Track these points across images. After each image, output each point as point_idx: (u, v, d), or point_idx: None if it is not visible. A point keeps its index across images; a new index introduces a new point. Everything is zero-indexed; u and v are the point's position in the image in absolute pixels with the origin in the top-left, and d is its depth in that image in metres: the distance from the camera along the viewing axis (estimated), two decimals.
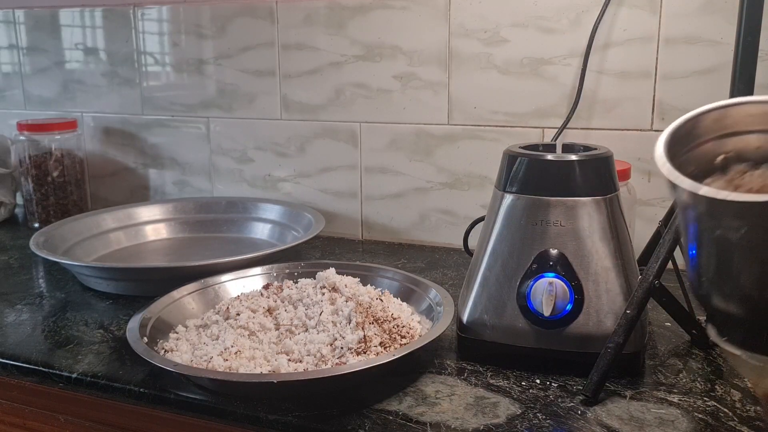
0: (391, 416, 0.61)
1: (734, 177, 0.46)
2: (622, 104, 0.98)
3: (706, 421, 0.59)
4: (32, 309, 0.88)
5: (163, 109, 1.29)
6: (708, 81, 0.93)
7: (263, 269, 0.88)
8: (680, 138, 0.47)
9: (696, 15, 0.92)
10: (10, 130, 1.30)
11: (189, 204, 1.21)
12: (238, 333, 0.72)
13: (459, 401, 0.63)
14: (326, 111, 1.16)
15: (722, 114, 0.47)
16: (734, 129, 0.47)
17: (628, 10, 0.95)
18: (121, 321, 0.83)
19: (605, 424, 0.59)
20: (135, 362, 0.71)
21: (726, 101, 0.48)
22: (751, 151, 0.47)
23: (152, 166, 1.33)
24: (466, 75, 1.05)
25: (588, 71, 0.98)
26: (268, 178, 1.23)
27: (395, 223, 1.15)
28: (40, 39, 1.36)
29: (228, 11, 1.19)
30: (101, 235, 1.12)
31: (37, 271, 1.04)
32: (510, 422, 0.60)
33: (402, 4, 1.07)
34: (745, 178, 0.46)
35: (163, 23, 1.26)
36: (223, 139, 1.25)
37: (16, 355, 0.75)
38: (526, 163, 0.70)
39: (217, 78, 1.23)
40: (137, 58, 1.29)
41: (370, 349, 0.68)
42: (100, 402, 0.72)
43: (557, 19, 0.99)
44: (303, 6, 1.13)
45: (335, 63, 1.13)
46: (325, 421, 0.61)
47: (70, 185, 1.28)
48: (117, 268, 0.95)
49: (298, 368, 0.66)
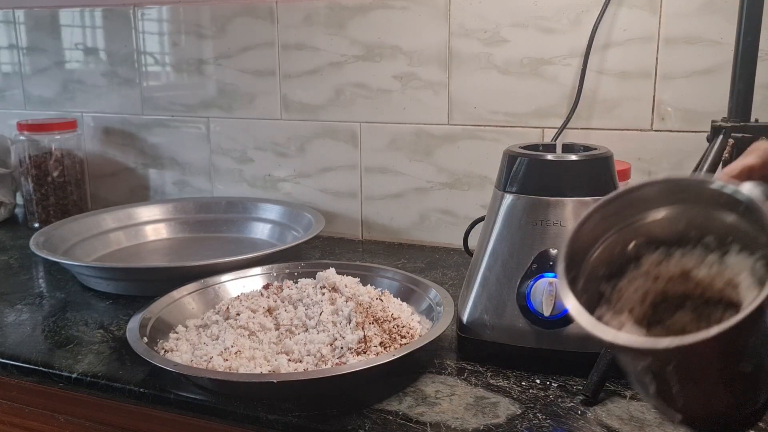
0: (391, 416, 0.61)
1: (650, 269, 0.44)
2: (622, 104, 0.98)
3: None
4: (32, 309, 0.88)
5: (163, 109, 1.29)
6: (708, 81, 0.93)
7: (263, 269, 0.88)
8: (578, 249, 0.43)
9: (696, 15, 0.92)
10: (10, 130, 1.30)
11: (189, 204, 1.21)
12: (238, 333, 0.72)
13: (459, 401, 0.63)
14: (326, 111, 1.16)
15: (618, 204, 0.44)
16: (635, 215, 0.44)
17: (628, 10, 0.95)
18: (121, 321, 0.83)
19: (605, 424, 0.59)
20: (135, 362, 0.71)
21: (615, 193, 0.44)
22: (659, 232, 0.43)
23: (152, 166, 1.33)
24: (466, 75, 1.05)
25: (588, 71, 0.98)
26: (268, 178, 1.23)
27: (395, 223, 1.15)
28: (40, 39, 1.36)
29: (228, 11, 1.19)
30: (101, 235, 1.12)
31: (37, 271, 1.04)
32: (510, 422, 0.60)
33: (402, 4, 1.07)
34: (662, 269, 0.43)
35: (163, 23, 1.26)
36: (223, 139, 1.25)
37: (16, 355, 0.75)
38: (526, 163, 0.70)
39: (217, 78, 1.23)
40: (137, 58, 1.29)
41: (370, 349, 0.68)
42: (100, 402, 0.72)
43: (557, 19, 0.99)
44: (303, 6, 1.13)
45: (335, 63, 1.13)
46: (325, 421, 0.61)
47: (70, 185, 1.28)
48: (117, 268, 0.95)
49: (298, 368, 0.66)
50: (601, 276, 0.44)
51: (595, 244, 0.44)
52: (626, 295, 0.44)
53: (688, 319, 0.43)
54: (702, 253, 0.42)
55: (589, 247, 0.44)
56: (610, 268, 0.44)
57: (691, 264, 0.42)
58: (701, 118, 0.94)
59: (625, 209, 0.44)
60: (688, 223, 0.42)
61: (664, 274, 0.43)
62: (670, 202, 0.43)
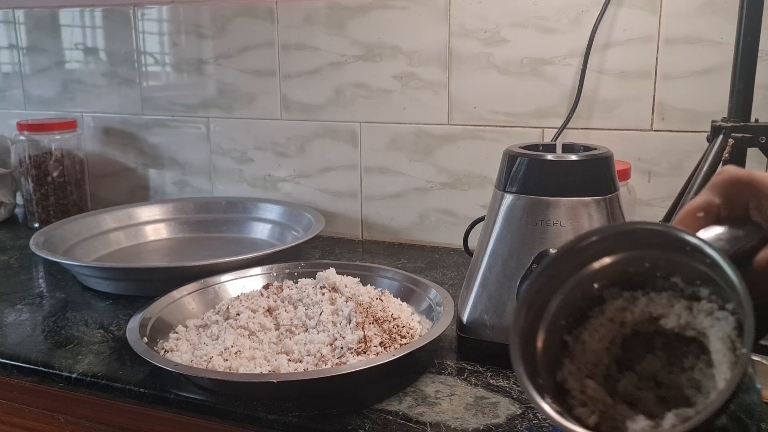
0: (391, 416, 0.61)
1: (614, 316, 0.42)
2: (622, 104, 0.98)
3: None
4: (32, 309, 0.88)
5: (163, 109, 1.29)
6: (708, 81, 0.93)
7: (263, 269, 0.88)
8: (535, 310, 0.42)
9: (696, 15, 0.92)
10: (10, 130, 1.30)
11: (189, 204, 1.21)
12: (238, 333, 0.72)
13: (459, 401, 0.63)
14: (326, 111, 1.16)
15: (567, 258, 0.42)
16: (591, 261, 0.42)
17: (628, 10, 0.95)
18: (121, 321, 0.83)
19: None
20: (135, 362, 0.71)
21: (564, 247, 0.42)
22: (622, 273, 0.42)
23: (152, 166, 1.33)
24: (466, 75, 1.05)
25: (588, 71, 0.98)
26: (268, 178, 1.23)
27: (395, 223, 1.15)
28: (40, 39, 1.36)
29: (228, 11, 1.19)
30: (101, 235, 1.12)
31: (37, 271, 1.04)
32: (510, 422, 0.60)
33: (402, 4, 1.07)
34: (627, 317, 0.42)
35: (163, 23, 1.26)
36: (223, 139, 1.25)
37: (16, 355, 0.75)
38: (526, 163, 0.70)
39: (217, 78, 1.23)
40: (137, 58, 1.29)
41: (370, 349, 0.68)
42: (100, 402, 0.72)
43: (557, 19, 0.99)
44: (303, 6, 1.13)
45: (335, 63, 1.13)
46: (325, 421, 0.61)
47: (70, 185, 1.28)
48: (117, 268, 0.95)
49: (298, 368, 0.66)
50: (562, 326, 0.43)
51: (552, 297, 0.42)
52: (591, 346, 0.42)
53: (658, 365, 0.41)
54: (669, 296, 0.40)
55: (545, 304, 0.42)
56: (571, 316, 0.43)
57: (658, 310, 0.41)
58: (701, 118, 0.94)
59: (580, 257, 0.42)
60: (652, 265, 0.41)
61: (630, 321, 0.42)
62: (629, 248, 0.41)
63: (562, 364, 0.42)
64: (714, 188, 0.42)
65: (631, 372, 0.42)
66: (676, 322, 0.39)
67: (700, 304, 0.39)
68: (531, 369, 0.40)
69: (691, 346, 0.40)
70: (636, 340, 0.42)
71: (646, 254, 0.40)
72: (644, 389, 0.41)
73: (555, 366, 0.42)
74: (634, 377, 0.42)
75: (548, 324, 0.42)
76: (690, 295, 0.39)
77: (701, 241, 0.37)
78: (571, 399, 0.41)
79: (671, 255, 0.39)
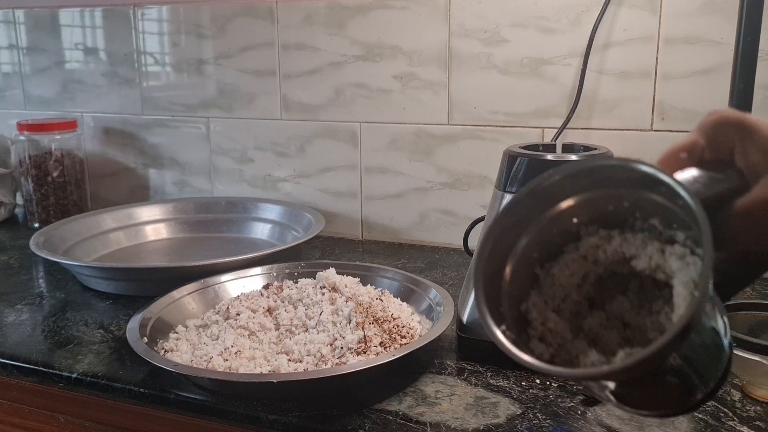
0: (391, 416, 0.61)
1: (588, 252, 0.41)
2: (622, 104, 0.98)
3: (706, 421, 0.59)
4: (32, 309, 0.88)
5: (163, 109, 1.29)
6: (708, 81, 0.93)
7: (263, 269, 0.88)
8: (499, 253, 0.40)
9: (696, 15, 0.92)
10: (10, 130, 1.30)
11: (189, 204, 1.21)
12: (238, 333, 0.72)
13: (459, 401, 0.63)
14: (326, 111, 1.16)
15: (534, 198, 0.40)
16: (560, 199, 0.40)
17: (628, 10, 0.95)
18: (121, 321, 0.83)
19: (605, 424, 0.59)
20: (135, 362, 0.71)
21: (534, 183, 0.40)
22: (600, 210, 0.40)
23: (152, 166, 1.33)
24: (466, 75, 1.05)
25: (588, 71, 0.98)
26: (268, 178, 1.23)
27: (395, 223, 1.15)
28: (40, 39, 1.36)
29: (228, 11, 1.19)
30: (101, 235, 1.12)
31: (37, 271, 1.04)
32: (510, 422, 0.60)
33: (402, 4, 1.07)
34: (600, 255, 0.40)
35: (163, 23, 1.26)
36: (223, 139, 1.25)
37: (16, 355, 0.75)
38: (526, 163, 0.70)
39: (217, 78, 1.23)
40: (137, 58, 1.29)
41: (370, 349, 0.68)
42: (100, 402, 0.72)
43: (557, 19, 0.99)
44: (303, 6, 1.13)
45: (335, 63, 1.13)
46: (325, 421, 0.61)
47: (70, 185, 1.28)
48: (117, 268, 0.95)
49: (298, 368, 0.66)
50: (535, 259, 0.41)
51: (522, 234, 0.41)
52: (560, 281, 0.41)
53: (627, 306, 0.41)
54: (644, 238, 0.39)
55: (515, 240, 0.41)
56: (546, 250, 0.41)
57: (631, 251, 0.39)
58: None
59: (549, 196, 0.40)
60: (631, 205, 0.39)
61: (603, 260, 0.41)
62: (606, 186, 0.39)
63: (528, 295, 0.41)
64: (701, 129, 0.40)
65: (600, 311, 0.41)
66: (647, 264, 0.38)
67: (673, 248, 0.37)
68: (493, 296, 0.40)
69: (664, 290, 0.39)
70: (612, 280, 0.41)
71: (624, 194, 0.39)
72: (610, 329, 0.40)
73: (521, 297, 0.41)
74: (602, 316, 0.41)
75: (519, 257, 0.41)
76: (666, 239, 0.38)
77: (673, 181, 0.35)
78: (531, 330, 0.40)
79: (651, 195, 0.38)
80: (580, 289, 0.42)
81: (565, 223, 0.41)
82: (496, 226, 0.41)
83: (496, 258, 0.41)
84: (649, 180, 0.36)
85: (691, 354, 0.36)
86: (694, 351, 0.36)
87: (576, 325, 0.41)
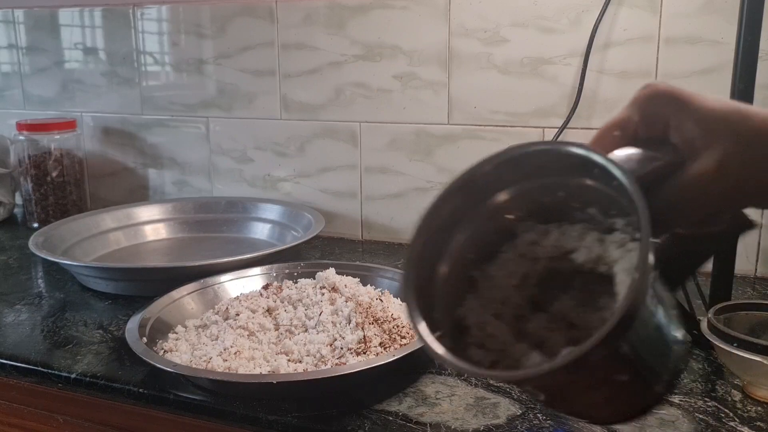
0: (391, 417, 0.61)
1: (526, 250, 0.39)
2: (623, 104, 0.98)
3: (707, 422, 0.59)
4: (31, 309, 0.88)
5: (162, 108, 1.29)
6: (708, 81, 0.93)
7: (263, 269, 0.87)
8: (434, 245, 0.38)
9: (696, 15, 0.92)
10: (10, 130, 1.29)
11: (188, 204, 1.21)
12: (238, 333, 0.72)
13: (459, 402, 0.63)
14: (326, 111, 1.15)
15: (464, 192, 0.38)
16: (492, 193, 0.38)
17: (628, 10, 0.95)
18: (121, 321, 0.83)
19: (606, 426, 0.59)
20: (134, 363, 0.71)
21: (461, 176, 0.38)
22: (536, 203, 0.38)
23: (152, 166, 1.32)
24: (466, 75, 1.05)
25: (588, 71, 0.98)
26: (267, 178, 1.23)
27: (395, 223, 1.15)
28: (39, 39, 1.36)
29: (228, 11, 1.19)
30: (100, 235, 1.11)
31: (36, 271, 1.04)
32: (510, 423, 0.60)
33: (402, 4, 1.07)
34: (538, 252, 0.38)
35: (163, 23, 1.25)
36: (223, 138, 1.25)
37: (15, 355, 0.75)
38: None
39: (217, 78, 1.23)
40: (137, 57, 1.29)
41: (369, 349, 0.68)
42: (99, 402, 0.72)
43: (557, 18, 0.99)
44: (303, 6, 1.13)
45: (335, 63, 1.13)
46: (324, 421, 0.60)
47: (70, 185, 1.28)
48: (116, 268, 0.95)
49: (298, 368, 0.66)
50: (471, 261, 0.39)
51: (455, 231, 0.38)
52: (498, 283, 0.39)
53: (572, 305, 0.38)
54: (582, 228, 0.37)
55: (449, 239, 0.38)
56: (483, 250, 0.39)
57: (570, 244, 0.37)
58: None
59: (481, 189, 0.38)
60: (567, 195, 0.37)
61: (542, 256, 0.38)
62: (539, 176, 0.37)
63: (465, 300, 0.39)
64: (634, 104, 0.38)
65: (543, 313, 0.39)
66: (587, 256, 0.36)
67: (612, 236, 0.35)
68: (426, 302, 0.37)
69: (608, 285, 0.36)
70: (554, 280, 0.39)
71: (559, 182, 0.37)
72: (555, 330, 0.38)
73: (457, 302, 0.38)
74: (546, 318, 0.38)
75: (453, 258, 0.38)
76: (606, 228, 0.36)
77: (606, 161, 0.33)
78: (468, 337, 0.38)
79: (585, 181, 0.36)
80: (520, 290, 0.39)
81: (500, 220, 0.39)
82: (426, 225, 0.38)
83: (428, 259, 0.38)
84: (583, 162, 0.35)
85: (638, 345, 0.33)
86: (641, 342, 0.33)
87: (519, 329, 0.38)
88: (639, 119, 0.38)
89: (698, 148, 0.35)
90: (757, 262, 0.95)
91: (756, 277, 0.95)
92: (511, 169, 0.37)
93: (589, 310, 0.37)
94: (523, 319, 0.39)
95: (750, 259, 0.95)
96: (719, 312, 0.66)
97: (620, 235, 0.35)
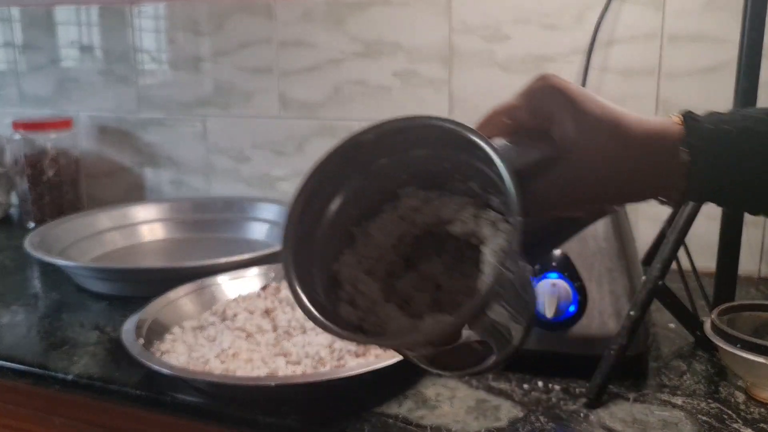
0: (391, 419, 0.60)
1: (406, 214, 0.40)
2: (626, 102, 0.97)
3: (710, 424, 0.59)
4: (27, 310, 0.87)
5: (159, 107, 1.28)
6: (712, 78, 0.92)
7: (261, 270, 0.87)
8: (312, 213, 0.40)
9: (700, 12, 0.91)
10: (5, 129, 1.29)
11: (185, 204, 1.20)
12: (235, 335, 0.71)
13: (460, 404, 0.63)
14: (325, 108, 1.15)
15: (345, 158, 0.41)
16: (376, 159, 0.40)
17: (631, 7, 0.94)
18: (117, 322, 0.82)
19: (608, 427, 0.58)
20: (131, 364, 0.70)
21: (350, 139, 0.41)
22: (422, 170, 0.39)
23: (148, 165, 1.32)
24: (467, 72, 1.04)
25: (591, 69, 0.97)
26: (265, 177, 1.22)
27: None
28: (35, 37, 1.35)
29: (225, 8, 1.18)
30: (97, 236, 1.11)
31: (32, 271, 1.03)
32: (512, 425, 0.59)
33: (402, 0, 1.06)
34: (417, 218, 0.40)
35: (160, 20, 1.24)
36: (220, 137, 1.24)
37: (11, 356, 0.74)
38: None
39: (214, 76, 1.22)
40: (133, 55, 1.28)
41: (369, 351, 0.67)
42: (95, 404, 0.71)
43: (560, 15, 0.98)
44: (301, 2, 1.12)
45: (334, 60, 1.12)
46: (323, 424, 0.60)
47: (66, 185, 1.27)
48: (113, 268, 0.94)
49: (297, 371, 0.65)
50: (353, 216, 0.41)
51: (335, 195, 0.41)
52: (376, 240, 0.40)
53: (441, 269, 0.40)
54: (461, 202, 0.39)
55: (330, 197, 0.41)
56: (365, 208, 0.41)
57: (448, 215, 0.39)
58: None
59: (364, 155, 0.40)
60: (452, 167, 0.39)
61: (420, 223, 0.40)
62: (428, 146, 0.39)
63: (342, 254, 0.40)
64: (526, 94, 0.40)
65: (414, 271, 0.41)
66: (462, 229, 0.38)
67: (487, 213, 0.38)
68: (304, 260, 0.38)
69: (476, 253, 0.38)
70: (429, 240, 0.41)
71: (447, 154, 0.38)
72: (422, 290, 0.40)
73: (335, 257, 0.40)
74: (416, 277, 0.41)
75: (333, 216, 0.40)
76: (482, 203, 0.38)
77: (489, 147, 0.35)
78: (341, 292, 0.39)
79: (470, 159, 0.37)
80: (396, 249, 0.41)
81: (383, 181, 0.40)
82: (307, 185, 0.41)
83: (308, 219, 0.40)
84: (470, 143, 0.36)
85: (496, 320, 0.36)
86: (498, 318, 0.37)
87: (389, 285, 0.40)
88: (527, 109, 0.39)
89: (569, 149, 0.37)
90: (761, 262, 0.94)
91: (760, 277, 0.94)
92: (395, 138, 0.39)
93: (457, 275, 0.40)
94: (394, 276, 0.41)
95: (754, 259, 0.94)
96: (723, 313, 0.66)
97: (494, 214, 0.37)
